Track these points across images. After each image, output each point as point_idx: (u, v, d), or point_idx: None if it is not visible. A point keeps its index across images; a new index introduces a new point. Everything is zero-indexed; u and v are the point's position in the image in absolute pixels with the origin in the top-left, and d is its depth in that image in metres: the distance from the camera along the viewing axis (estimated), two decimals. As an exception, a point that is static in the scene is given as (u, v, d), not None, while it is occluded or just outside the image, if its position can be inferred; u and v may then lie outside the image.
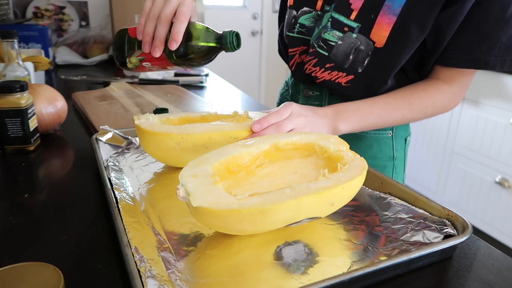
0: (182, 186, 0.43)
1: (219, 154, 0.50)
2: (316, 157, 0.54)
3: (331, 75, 0.77)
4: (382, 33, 0.69)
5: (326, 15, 0.75)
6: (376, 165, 0.83)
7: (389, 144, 0.83)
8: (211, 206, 0.41)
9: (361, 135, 0.81)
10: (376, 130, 0.81)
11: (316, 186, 0.44)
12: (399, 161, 0.86)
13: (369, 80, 0.74)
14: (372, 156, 0.83)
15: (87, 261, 0.43)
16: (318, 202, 0.44)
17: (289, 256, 0.43)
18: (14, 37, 0.82)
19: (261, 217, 0.41)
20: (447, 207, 0.49)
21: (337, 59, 0.75)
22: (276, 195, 0.42)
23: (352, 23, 0.71)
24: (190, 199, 0.42)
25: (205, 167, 0.46)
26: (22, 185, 0.61)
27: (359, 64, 0.73)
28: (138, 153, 0.69)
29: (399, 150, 0.85)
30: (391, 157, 0.84)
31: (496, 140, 1.99)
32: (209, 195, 0.42)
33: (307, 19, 0.79)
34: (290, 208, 0.42)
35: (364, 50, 0.72)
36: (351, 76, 0.75)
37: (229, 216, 0.41)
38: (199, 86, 1.32)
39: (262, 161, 0.53)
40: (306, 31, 0.79)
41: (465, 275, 0.43)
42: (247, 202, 0.41)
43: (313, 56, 0.77)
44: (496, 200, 2.02)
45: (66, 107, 0.84)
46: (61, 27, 1.80)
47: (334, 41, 0.74)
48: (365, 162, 0.50)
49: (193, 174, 0.45)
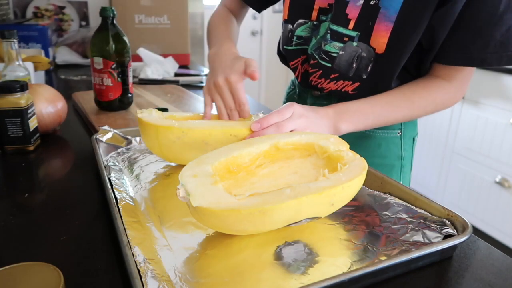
0: (182, 186, 0.43)
1: (219, 154, 0.50)
2: (316, 157, 0.54)
3: (337, 84, 0.77)
4: (381, 40, 0.70)
5: (323, 25, 0.76)
6: (384, 164, 0.83)
7: (397, 143, 0.83)
8: (211, 206, 0.41)
9: (369, 134, 0.82)
10: (384, 129, 0.81)
11: (316, 186, 0.44)
12: (407, 161, 0.86)
13: (375, 84, 0.74)
14: (381, 155, 0.83)
15: (87, 261, 0.43)
16: (318, 202, 0.44)
17: (289, 256, 0.43)
18: (14, 37, 0.82)
19: (261, 217, 0.41)
20: (447, 207, 0.49)
21: (340, 69, 0.75)
22: (276, 195, 0.42)
23: (351, 32, 0.72)
24: (190, 199, 0.42)
25: (205, 167, 0.46)
26: (22, 185, 0.61)
27: (363, 70, 0.74)
28: (138, 153, 0.69)
29: (407, 149, 0.85)
30: (399, 157, 0.84)
31: (496, 140, 1.99)
32: (209, 195, 0.42)
33: (303, 30, 0.79)
34: (290, 208, 0.42)
35: (366, 56, 0.72)
36: (357, 84, 0.75)
37: (229, 216, 0.41)
38: (199, 86, 1.32)
39: (262, 161, 0.53)
40: (303, 41, 0.80)
41: (465, 275, 0.43)
42: (247, 202, 0.41)
43: (317, 68, 0.78)
44: (496, 200, 2.02)
45: (66, 107, 0.84)
46: (61, 27, 1.80)
47: (336, 52, 0.74)
48: (365, 162, 0.50)
49: (193, 174, 0.45)
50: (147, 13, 1.59)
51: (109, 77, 0.91)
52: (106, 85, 0.92)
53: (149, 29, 1.61)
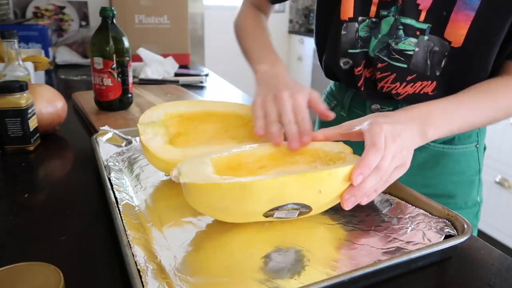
0: (177, 168, 0.46)
1: (222, 150, 0.51)
2: (320, 163, 0.54)
3: (415, 87, 0.68)
4: (458, 32, 0.61)
5: (385, 21, 0.67)
6: (463, 181, 0.75)
7: (475, 156, 0.75)
8: (195, 181, 0.44)
9: (448, 152, 0.73)
10: (463, 144, 0.73)
11: (301, 171, 0.46)
12: (481, 173, 0.78)
13: (451, 83, 0.66)
14: (460, 171, 0.74)
15: (87, 261, 0.43)
16: (303, 185, 0.44)
17: (289, 256, 0.43)
18: (14, 37, 0.82)
19: (242, 192, 0.42)
20: (447, 207, 0.49)
21: (418, 69, 0.66)
22: (259, 176, 0.44)
23: (422, 25, 0.64)
24: (180, 177, 0.45)
25: (205, 159, 0.49)
26: (22, 185, 0.61)
27: (436, 67, 0.65)
28: (138, 153, 0.69)
29: (482, 160, 0.77)
30: (477, 171, 0.76)
31: (496, 140, 1.99)
32: (198, 174, 0.45)
33: (362, 30, 0.70)
34: (272, 187, 0.42)
35: (439, 51, 0.64)
36: (435, 83, 0.67)
37: (211, 191, 0.43)
38: (199, 86, 1.32)
39: (265, 163, 0.53)
40: (363, 43, 0.70)
41: (465, 275, 0.43)
42: (230, 179, 0.43)
43: (389, 71, 0.68)
44: (496, 200, 2.02)
45: (66, 107, 0.84)
46: (61, 27, 1.80)
47: (412, 49, 0.65)
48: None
49: (191, 162, 0.48)
50: (147, 13, 1.59)
51: (109, 77, 0.91)
52: (106, 85, 0.92)
53: (149, 29, 1.61)
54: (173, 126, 0.64)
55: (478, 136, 0.74)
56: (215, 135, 0.65)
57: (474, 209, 0.76)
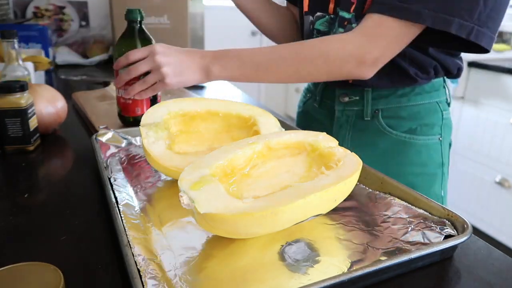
0: (184, 193, 0.42)
1: (215, 157, 0.49)
2: (306, 155, 0.55)
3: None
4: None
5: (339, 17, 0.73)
6: (425, 173, 0.77)
7: (438, 149, 0.78)
8: (219, 211, 0.40)
9: (409, 142, 0.76)
10: (425, 135, 0.76)
11: (320, 184, 0.45)
12: (446, 168, 0.81)
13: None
14: (421, 163, 0.77)
15: (87, 261, 0.43)
16: (324, 199, 0.45)
17: (289, 256, 0.43)
18: (14, 37, 0.82)
19: (273, 218, 0.41)
20: (447, 207, 0.49)
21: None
22: (284, 196, 0.43)
23: (350, 15, 0.70)
24: (196, 206, 0.41)
25: (204, 171, 0.46)
26: (22, 185, 0.61)
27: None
28: (138, 153, 0.69)
29: (446, 156, 0.80)
30: (440, 164, 0.79)
31: (496, 140, 1.99)
32: (214, 200, 0.41)
33: (321, 24, 0.75)
34: (299, 207, 0.42)
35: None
36: None
37: (240, 221, 0.40)
38: (199, 86, 1.32)
39: (255, 162, 0.53)
40: (321, 36, 0.75)
41: (465, 275, 0.43)
42: (256, 204, 0.41)
43: None
44: (496, 200, 2.02)
45: (66, 107, 0.84)
46: (61, 27, 1.80)
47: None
48: (357, 157, 0.51)
49: (193, 180, 0.44)
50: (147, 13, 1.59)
51: None
52: (133, 99, 0.78)
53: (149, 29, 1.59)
54: (175, 125, 0.64)
55: (441, 129, 0.77)
56: (217, 134, 0.66)
57: None
